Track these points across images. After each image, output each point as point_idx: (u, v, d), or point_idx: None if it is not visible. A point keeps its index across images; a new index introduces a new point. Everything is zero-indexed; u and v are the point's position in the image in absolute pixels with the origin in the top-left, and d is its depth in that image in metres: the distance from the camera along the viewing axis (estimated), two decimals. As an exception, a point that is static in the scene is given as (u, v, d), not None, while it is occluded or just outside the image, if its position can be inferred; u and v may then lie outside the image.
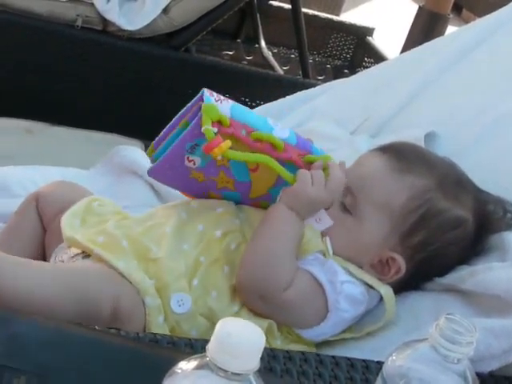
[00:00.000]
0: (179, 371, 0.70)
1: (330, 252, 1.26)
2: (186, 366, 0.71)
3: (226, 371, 0.67)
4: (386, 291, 1.24)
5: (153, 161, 1.29)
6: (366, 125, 1.66)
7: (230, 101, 1.24)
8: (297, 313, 1.22)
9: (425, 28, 2.81)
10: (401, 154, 1.29)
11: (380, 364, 1.03)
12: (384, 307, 1.24)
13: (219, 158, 1.20)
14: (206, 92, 1.23)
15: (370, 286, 1.25)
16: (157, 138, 1.30)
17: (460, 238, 1.27)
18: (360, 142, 1.58)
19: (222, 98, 1.23)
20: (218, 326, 0.68)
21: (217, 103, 1.21)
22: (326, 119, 1.70)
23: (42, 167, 1.57)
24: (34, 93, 2.27)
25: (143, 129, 2.16)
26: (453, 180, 1.29)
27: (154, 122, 2.47)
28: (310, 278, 1.22)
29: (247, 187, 1.29)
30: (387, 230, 1.25)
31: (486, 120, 1.49)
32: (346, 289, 1.22)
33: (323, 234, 1.28)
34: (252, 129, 1.23)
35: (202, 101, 1.21)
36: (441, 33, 2.78)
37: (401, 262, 1.25)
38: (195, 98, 1.25)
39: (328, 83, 1.86)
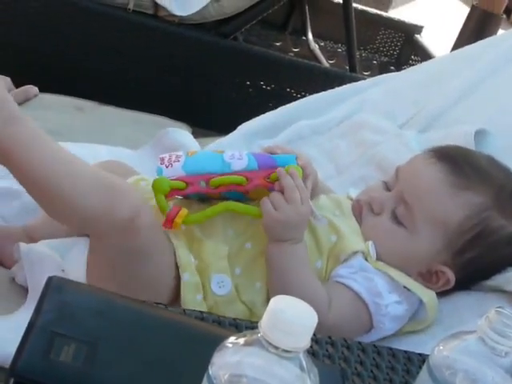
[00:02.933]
0: (230, 345, 0.71)
1: (373, 257, 1.25)
2: (236, 341, 0.71)
3: (277, 348, 0.68)
4: (429, 299, 1.24)
5: None
6: (415, 119, 1.65)
7: (182, 156, 1.26)
8: (344, 330, 1.21)
9: (477, 27, 2.78)
10: (457, 166, 1.27)
11: (422, 356, 1.03)
12: (426, 310, 1.24)
13: (182, 227, 1.23)
14: (159, 161, 1.26)
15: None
16: None
17: None
18: (408, 137, 1.57)
19: (173, 158, 1.26)
20: (271, 302, 0.69)
21: (168, 169, 1.24)
22: (374, 112, 1.69)
23: (92, 145, 1.57)
24: (85, 73, 2.29)
25: (190, 114, 2.19)
26: (508, 192, 1.27)
27: (201, 107, 2.51)
28: (353, 296, 1.22)
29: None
30: (440, 246, 1.24)
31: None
32: (391, 311, 1.22)
33: (366, 238, 1.28)
34: (210, 175, 1.24)
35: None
36: (493, 33, 2.75)
37: (450, 276, 1.25)
38: None
39: (379, 76, 1.85)
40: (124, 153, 1.58)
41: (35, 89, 1.79)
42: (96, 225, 1.15)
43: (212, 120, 2.27)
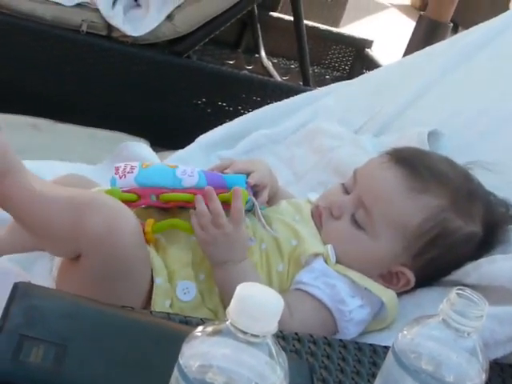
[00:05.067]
0: (198, 335, 0.72)
1: (333, 260, 1.27)
2: (204, 330, 0.72)
3: (245, 333, 0.69)
4: (389, 298, 1.26)
5: None
6: (370, 124, 1.68)
7: (136, 168, 1.30)
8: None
9: (425, 36, 2.82)
10: (414, 170, 1.29)
11: (387, 348, 1.05)
12: (386, 310, 1.26)
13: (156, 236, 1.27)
14: (114, 171, 1.30)
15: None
16: None
17: (470, 250, 1.29)
18: (364, 141, 1.60)
19: (128, 169, 1.30)
20: (237, 289, 0.70)
21: (121, 180, 1.28)
22: (329, 119, 1.72)
23: (50, 162, 1.58)
24: (40, 94, 2.29)
25: (147, 132, 2.19)
26: (465, 193, 1.29)
27: (158, 125, 2.52)
28: (317, 304, 1.24)
29: None
30: (399, 249, 1.26)
31: (489, 119, 1.52)
32: (355, 316, 1.24)
33: (326, 242, 1.29)
34: (160, 190, 1.28)
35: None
36: (441, 41, 2.80)
37: (410, 277, 1.27)
38: None
39: (331, 85, 1.88)
40: (83, 168, 1.59)
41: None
42: (75, 244, 1.16)
43: (169, 138, 2.27)
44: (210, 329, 0.72)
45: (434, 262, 1.28)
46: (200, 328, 0.72)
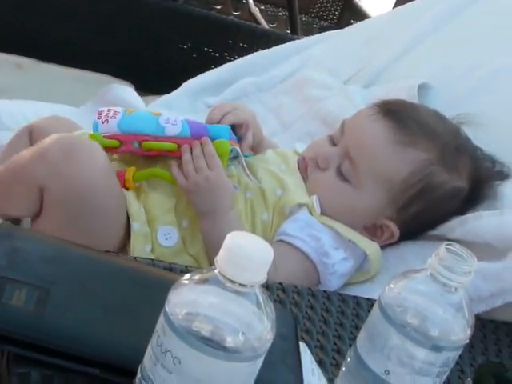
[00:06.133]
0: (186, 282, 0.71)
1: (318, 211, 1.26)
2: (192, 278, 0.71)
3: (234, 282, 0.68)
4: (373, 251, 1.26)
5: None
6: (359, 75, 1.66)
7: (119, 113, 1.27)
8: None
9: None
10: (402, 123, 1.27)
11: (371, 301, 1.05)
12: (369, 262, 1.26)
13: (136, 184, 1.26)
14: (96, 115, 1.28)
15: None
16: None
17: (455, 205, 1.29)
18: (353, 91, 1.58)
19: (110, 113, 1.27)
20: (227, 238, 0.69)
21: (103, 125, 1.26)
22: (318, 69, 1.70)
23: (33, 102, 1.55)
24: (24, 33, 2.24)
25: (132, 75, 2.16)
26: (452, 148, 1.28)
27: (143, 69, 2.48)
28: (301, 256, 1.23)
29: None
30: (385, 202, 1.26)
31: (481, 74, 1.50)
32: (339, 269, 1.24)
33: (311, 193, 1.28)
34: (143, 137, 1.25)
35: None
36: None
37: (394, 230, 1.27)
38: None
39: (322, 34, 1.86)
40: (66, 110, 1.56)
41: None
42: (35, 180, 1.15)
43: (154, 82, 2.24)
44: (197, 277, 0.71)
45: (418, 216, 1.27)
46: (187, 276, 0.71)
